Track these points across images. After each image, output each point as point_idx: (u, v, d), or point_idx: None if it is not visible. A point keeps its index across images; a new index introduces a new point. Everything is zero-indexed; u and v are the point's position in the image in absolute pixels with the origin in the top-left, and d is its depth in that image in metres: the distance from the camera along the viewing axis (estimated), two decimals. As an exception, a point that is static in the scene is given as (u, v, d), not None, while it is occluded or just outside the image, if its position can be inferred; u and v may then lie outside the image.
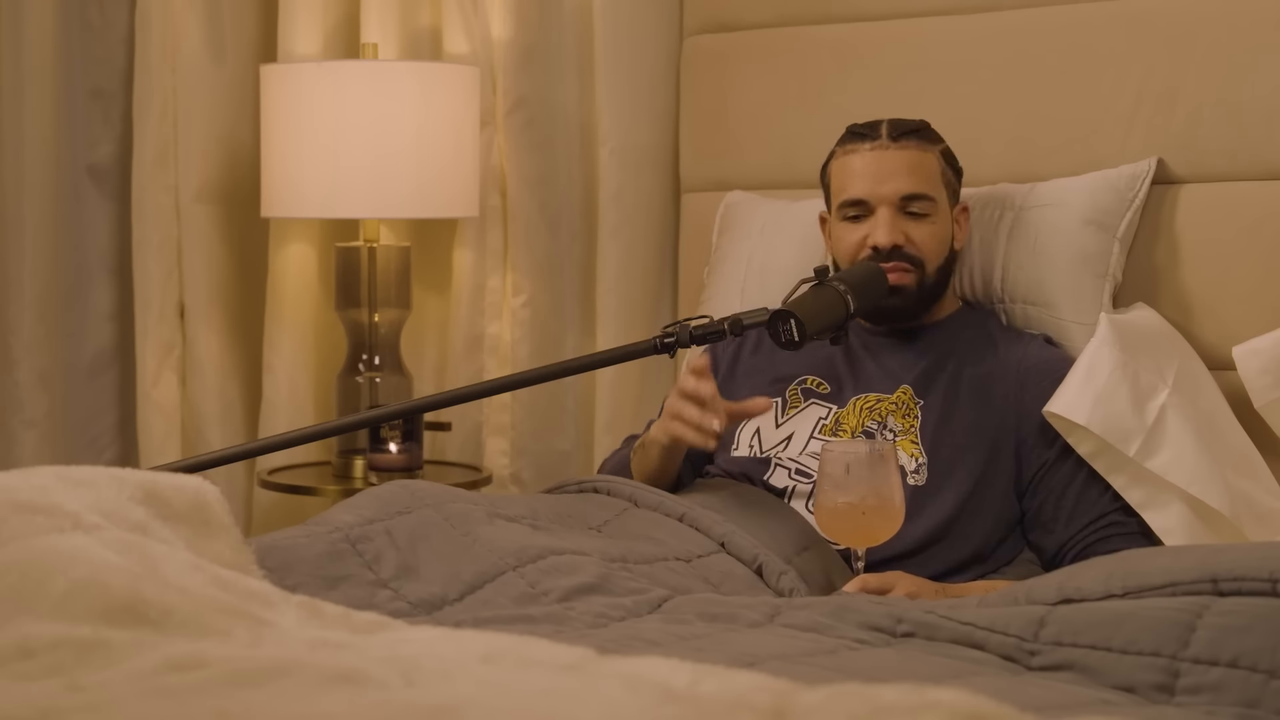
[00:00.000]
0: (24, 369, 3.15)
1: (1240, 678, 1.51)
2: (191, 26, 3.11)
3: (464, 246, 3.09)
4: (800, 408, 2.34)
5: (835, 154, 2.39)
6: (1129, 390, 2.20)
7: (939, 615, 1.69)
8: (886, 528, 1.99)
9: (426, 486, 2.09)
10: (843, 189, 2.34)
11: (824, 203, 2.45)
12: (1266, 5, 2.40)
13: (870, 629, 1.72)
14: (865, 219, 2.32)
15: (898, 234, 2.30)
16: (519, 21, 3.05)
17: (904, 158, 2.32)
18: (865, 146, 2.33)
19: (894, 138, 2.33)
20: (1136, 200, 2.43)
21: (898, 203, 2.31)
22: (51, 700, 1.17)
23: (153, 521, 1.61)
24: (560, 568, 1.91)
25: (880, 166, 2.32)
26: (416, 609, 1.86)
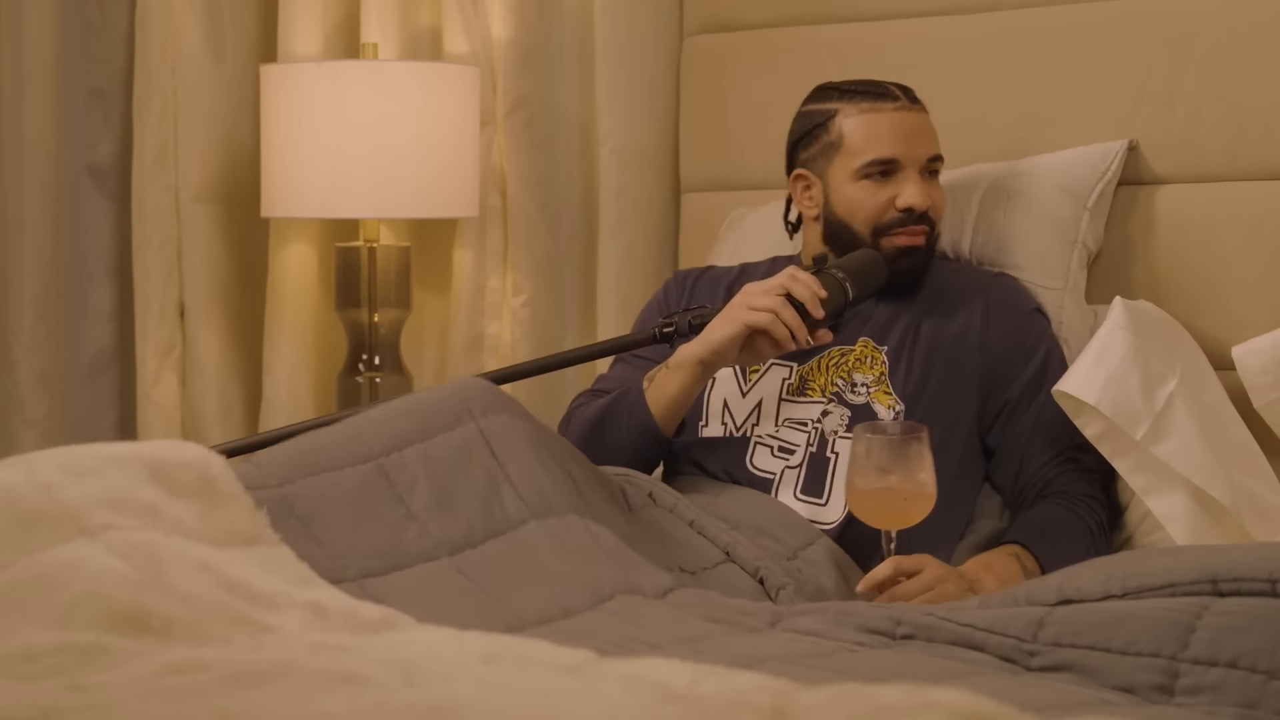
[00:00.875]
0: (24, 369, 3.15)
1: (1240, 678, 1.51)
2: (191, 26, 3.11)
3: (464, 246, 3.09)
4: (761, 371, 2.31)
5: (842, 110, 2.33)
6: (1140, 375, 2.20)
7: (938, 617, 1.69)
8: (921, 509, 1.98)
9: (475, 391, 2.06)
10: (868, 147, 2.30)
11: (795, 163, 2.38)
12: (1266, 5, 2.40)
13: (870, 632, 1.72)
14: (889, 178, 2.30)
15: (928, 198, 2.30)
16: (519, 21, 3.05)
17: (924, 120, 2.34)
18: (889, 106, 2.31)
19: (911, 100, 2.33)
20: (1109, 173, 2.44)
21: (924, 164, 2.31)
22: (52, 700, 1.17)
23: (162, 500, 1.61)
24: (576, 529, 1.91)
25: (908, 127, 2.31)
26: (440, 548, 1.86)
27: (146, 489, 1.61)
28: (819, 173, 2.35)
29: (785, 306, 2.13)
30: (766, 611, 1.81)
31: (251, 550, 1.61)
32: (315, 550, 1.82)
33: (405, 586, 1.80)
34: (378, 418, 2.03)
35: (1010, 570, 2.11)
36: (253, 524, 1.66)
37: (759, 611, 1.81)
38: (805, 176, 2.37)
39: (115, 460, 1.64)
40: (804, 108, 2.40)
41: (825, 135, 2.34)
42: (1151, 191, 2.47)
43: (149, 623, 1.34)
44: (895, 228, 2.29)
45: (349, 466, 1.93)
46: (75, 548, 1.45)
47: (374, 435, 1.98)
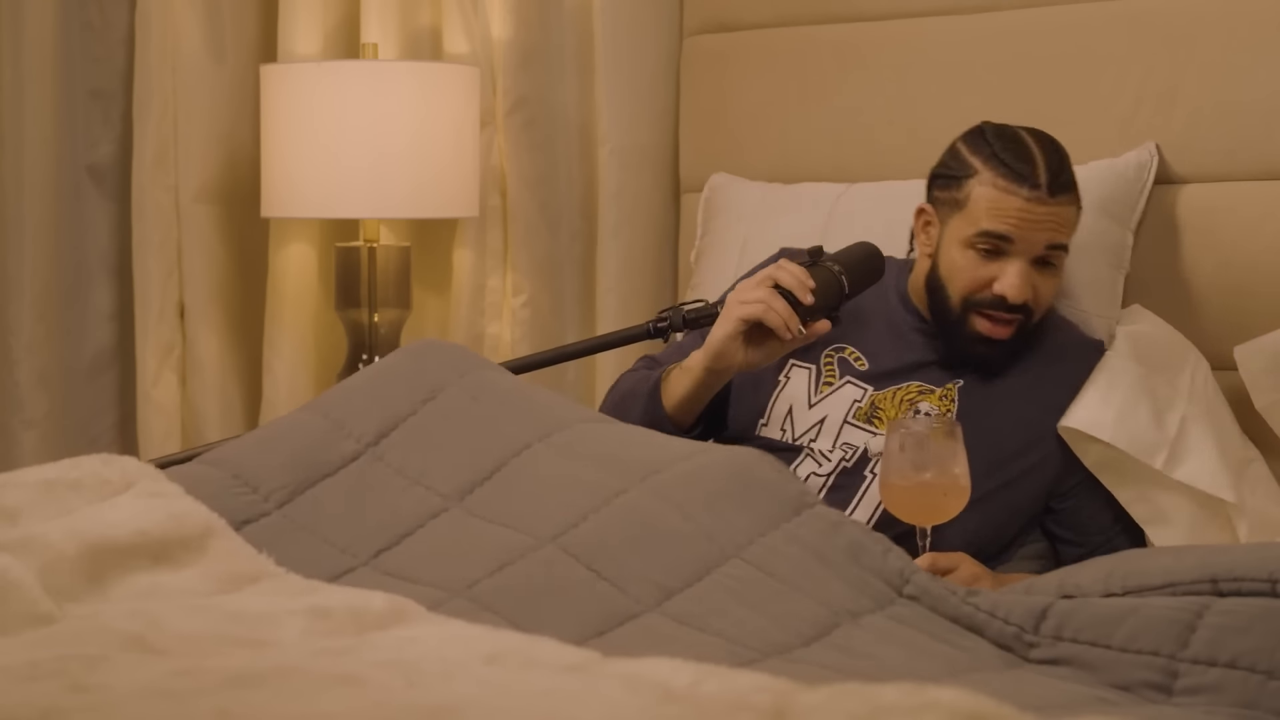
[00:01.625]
0: (24, 369, 3.15)
1: (1239, 678, 1.51)
2: (191, 26, 3.11)
3: (464, 246, 3.09)
4: (835, 386, 2.27)
5: (978, 173, 2.20)
6: (1149, 404, 2.20)
7: (946, 588, 1.68)
8: (956, 504, 1.98)
9: (449, 356, 2.07)
10: (986, 218, 2.18)
11: (929, 195, 2.29)
12: (1266, 5, 2.40)
13: (879, 578, 1.69)
14: (997, 258, 2.19)
15: (1029, 290, 2.18)
16: (519, 21, 3.05)
17: (1057, 213, 2.19)
18: (1023, 192, 2.17)
19: (1053, 192, 2.18)
20: (1145, 189, 2.43)
21: (1038, 254, 2.19)
22: (53, 700, 1.17)
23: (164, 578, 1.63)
24: (584, 434, 1.91)
25: (1036, 218, 2.17)
26: (449, 499, 1.86)
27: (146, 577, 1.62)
28: (941, 219, 2.26)
29: (774, 295, 2.10)
30: (791, 502, 1.76)
31: (257, 586, 1.62)
32: (327, 549, 1.83)
33: (419, 551, 1.80)
34: (357, 404, 2.02)
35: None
36: (256, 566, 1.67)
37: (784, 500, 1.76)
38: (928, 214, 2.29)
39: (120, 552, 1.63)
40: (956, 144, 2.28)
41: (957, 189, 2.23)
42: (1151, 191, 2.47)
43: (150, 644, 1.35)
44: (985, 309, 2.20)
45: (341, 469, 1.94)
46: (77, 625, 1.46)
47: (360, 424, 1.98)
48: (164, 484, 1.79)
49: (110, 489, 1.77)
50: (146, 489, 1.77)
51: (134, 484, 1.78)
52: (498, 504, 1.84)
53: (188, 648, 1.36)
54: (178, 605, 1.51)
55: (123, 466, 1.82)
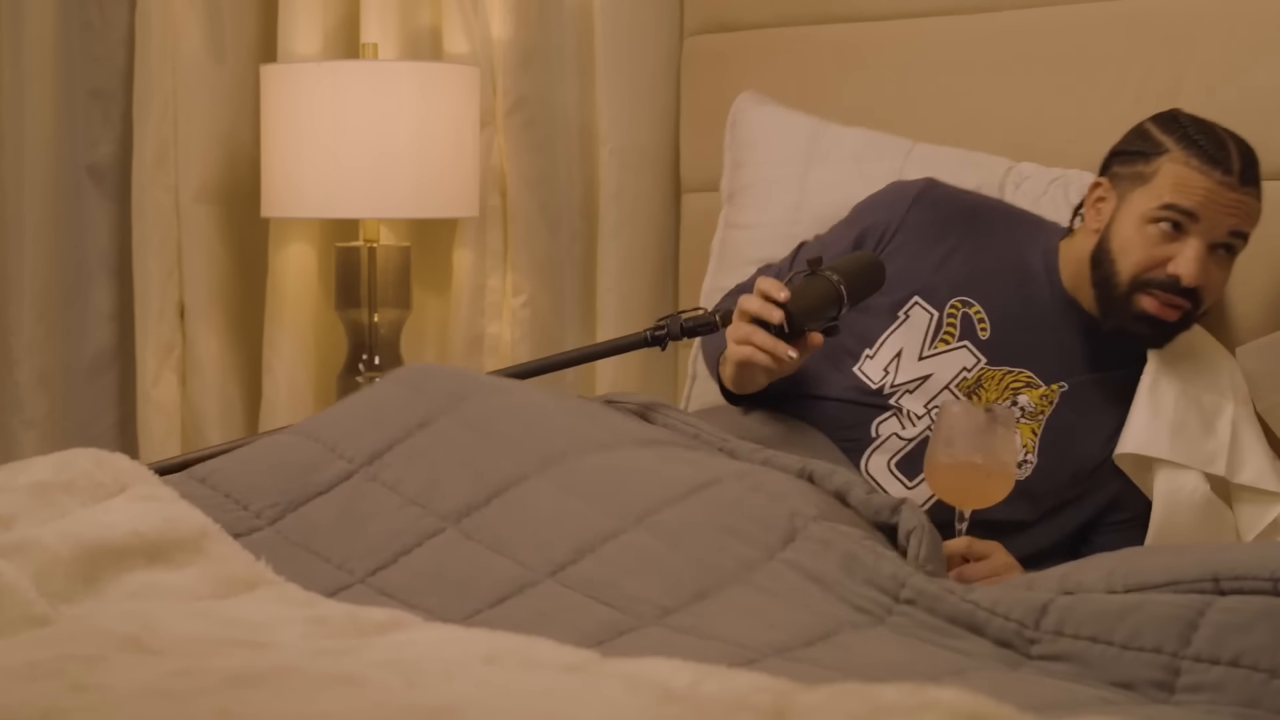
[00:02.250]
0: (24, 369, 3.15)
1: (1241, 677, 1.51)
2: (191, 26, 3.11)
3: (464, 246, 3.09)
4: (951, 346, 2.23)
5: (1171, 151, 2.16)
6: (1196, 414, 2.19)
7: (943, 588, 1.68)
8: (1001, 489, 1.98)
9: (442, 381, 2.06)
10: (1172, 192, 2.14)
11: (1107, 170, 2.24)
12: (1266, 5, 2.40)
13: (875, 588, 1.70)
14: (1175, 237, 2.14)
15: (1204, 274, 2.14)
16: (519, 21, 3.05)
17: (1245, 202, 2.16)
18: (1216, 174, 2.13)
19: (1244, 181, 2.15)
20: None
21: (1220, 237, 2.16)
22: (53, 700, 1.17)
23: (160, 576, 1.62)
24: (582, 465, 1.90)
25: (1222, 201, 2.14)
26: (445, 520, 1.86)
27: (142, 575, 1.62)
28: (1120, 192, 2.21)
29: (755, 331, 2.04)
30: (781, 529, 1.77)
31: (255, 593, 1.62)
32: (322, 565, 1.83)
33: (415, 568, 1.80)
34: (348, 428, 2.02)
35: None
36: (253, 572, 1.66)
37: (773, 526, 1.78)
38: (1104, 188, 2.24)
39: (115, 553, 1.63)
40: (1145, 125, 2.23)
41: (1143, 164, 2.19)
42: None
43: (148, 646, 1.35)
44: (1154, 289, 2.16)
45: (334, 487, 1.94)
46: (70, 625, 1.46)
47: (352, 447, 1.98)
48: (158, 487, 1.79)
49: (104, 491, 1.77)
50: (140, 492, 1.76)
51: (128, 487, 1.78)
52: (495, 531, 1.83)
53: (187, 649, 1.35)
54: (175, 609, 1.51)
55: (116, 468, 1.81)
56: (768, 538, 1.77)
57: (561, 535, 1.80)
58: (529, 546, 1.79)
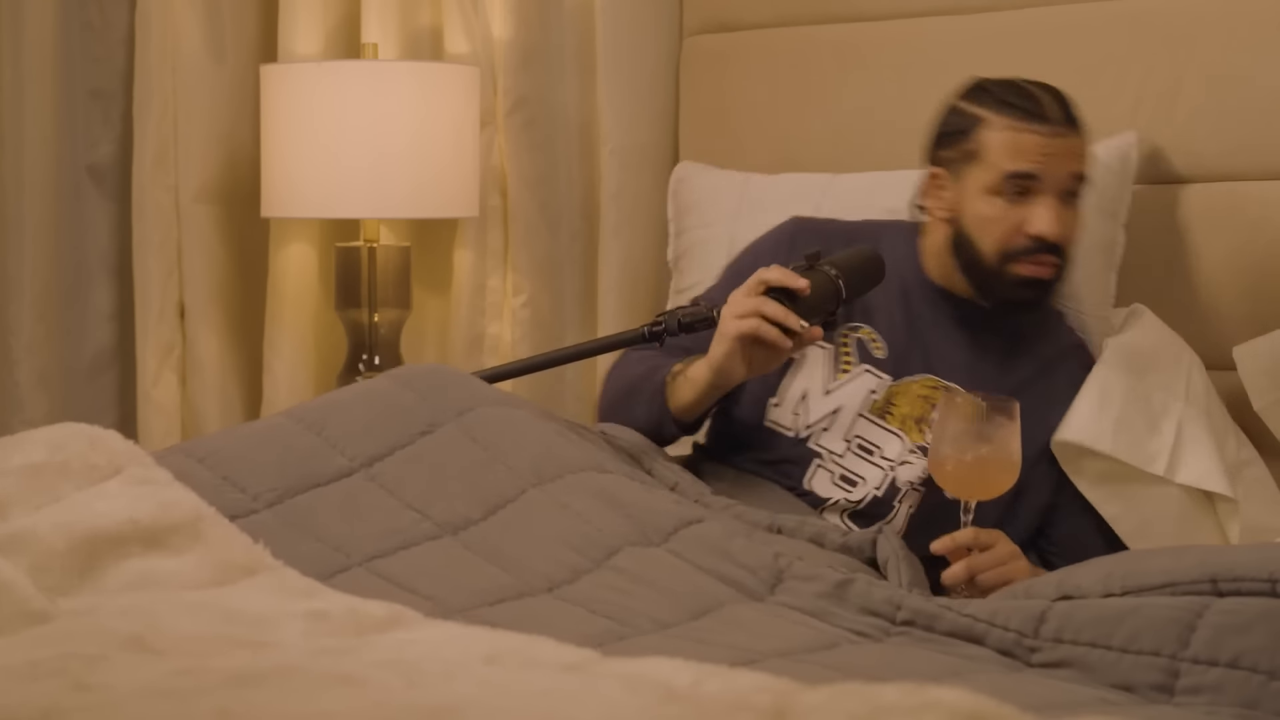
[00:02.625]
0: (24, 369, 3.15)
1: (1240, 678, 1.51)
2: (191, 26, 3.12)
3: (464, 246, 3.09)
4: (851, 374, 2.24)
5: (989, 122, 2.19)
6: (1144, 412, 2.20)
7: (939, 605, 1.69)
8: (1008, 479, 1.99)
9: (448, 389, 2.06)
10: (1008, 160, 2.16)
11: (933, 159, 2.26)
12: (1266, 5, 2.40)
13: (869, 614, 1.71)
14: (1024, 199, 2.16)
15: (1062, 225, 2.17)
16: (519, 21, 3.05)
17: (1075, 144, 2.18)
18: (1037, 127, 2.16)
19: (1067, 122, 2.18)
20: (1131, 178, 2.42)
21: (1064, 187, 2.17)
22: (54, 700, 1.17)
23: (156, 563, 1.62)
24: (578, 487, 1.91)
25: (1057, 149, 2.16)
26: (443, 528, 1.86)
27: (141, 562, 1.61)
28: (955, 175, 2.23)
29: (766, 302, 2.03)
30: (768, 569, 1.79)
31: (254, 580, 1.61)
32: (320, 548, 1.83)
33: (414, 563, 1.80)
34: (349, 426, 2.02)
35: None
36: (251, 556, 1.66)
37: (760, 568, 1.80)
38: (940, 176, 2.25)
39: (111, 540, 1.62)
40: (953, 103, 2.27)
41: (966, 142, 2.21)
42: (1151, 191, 2.47)
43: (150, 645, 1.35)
44: (1022, 256, 2.17)
45: (334, 481, 1.94)
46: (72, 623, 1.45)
47: (352, 445, 1.98)
48: (152, 470, 1.77)
49: (98, 474, 1.75)
50: (135, 475, 1.75)
51: (122, 469, 1.77)
52: (492, 544, 1.84)
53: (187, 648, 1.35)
54: (175, 603, 1.50)
55: (110, 449, 1.80)
56: (756, 584, 1.79)
57: (558, 555, 1.82)
58: (525, 563, 1.80)
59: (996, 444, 1.95)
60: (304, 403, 2.14)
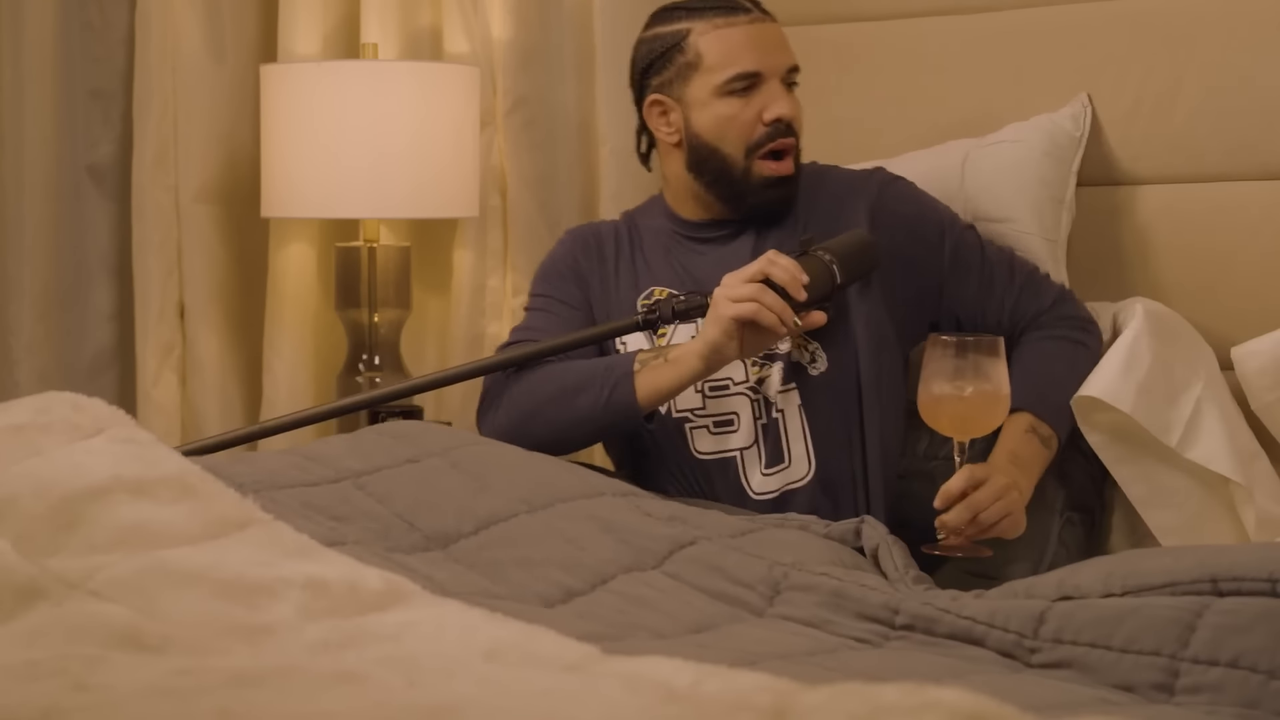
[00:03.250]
0: (24, 369, 3.15)
1: (1240, 678, 1.51)
2: (191, 26, 3.11)
3: (464, 246, 3.09)
4: (668, 335, 2.26)
5: (695, 29, 2.26)
6: (1166, 383, 2.21)
7: (937, 608, 1.69)
8: (999, 415, 2.01)
9: (430, 434, 2.09)
10: (729, 62, 2.24)
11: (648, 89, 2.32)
12: (1266, 5, 2.40)
13: (868, 620, 1.72)
14: (752, 92, 2.25)
15: (794, 105, 2.27)
16: (519, 21, 3.05)
17: (777, 29, 2.30)
18: (743, 19, 2.26)
19: (763, 10, 2.29)
20: (1083, 137, 2.47)
21: (785, 74, 2.28)
22: (53, 700, 1.17)
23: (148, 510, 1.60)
24: (570, 514, 1.92)
25: (766, 38, 2.27)
26: (432, 541, 1.86)
27: (129, 509, 1.60)
28: (676, 96, 2.30)
29: (765, 292, 2.07)
30: (764, 582, 1.80)
31: (245, 533, 1.59)
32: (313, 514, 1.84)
33: (404, 563, 1.80)
34: (335, 451, 2.03)
35: (1032, 450, 2.13)
36: (242, 510, 1.64)
37: (757, 583, 1.81)
38: (662, 102, 2.31)
39: (95, 492, 1.61)
40: (649, 31, 2.34)
41: (680, 56, 2.28)
42: (1151, 191, 2.47)
43: (146, 641, 1.34)
44: (764, 144, 2.25)
45: (322, 484, 1.94)
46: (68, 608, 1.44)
47: (339, 463, 1.99)
48: (135, 430, 1.77)
49: (80, 433, 1.75)
50: (118, 435, 1.75)
51: (104, 429, 1.76)
52: (484, 559, 1.84)
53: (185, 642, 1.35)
54: (169, 574, 1.48)
55: (94, 413, 1.80)
56: (753, 598, 1.80)
57: (550, 576, 1.82)
58: (516, 583, 1.80)
59: (985, 380, 1.97)
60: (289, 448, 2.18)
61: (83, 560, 1.51)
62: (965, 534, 1.98)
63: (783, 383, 2.21)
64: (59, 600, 1.44)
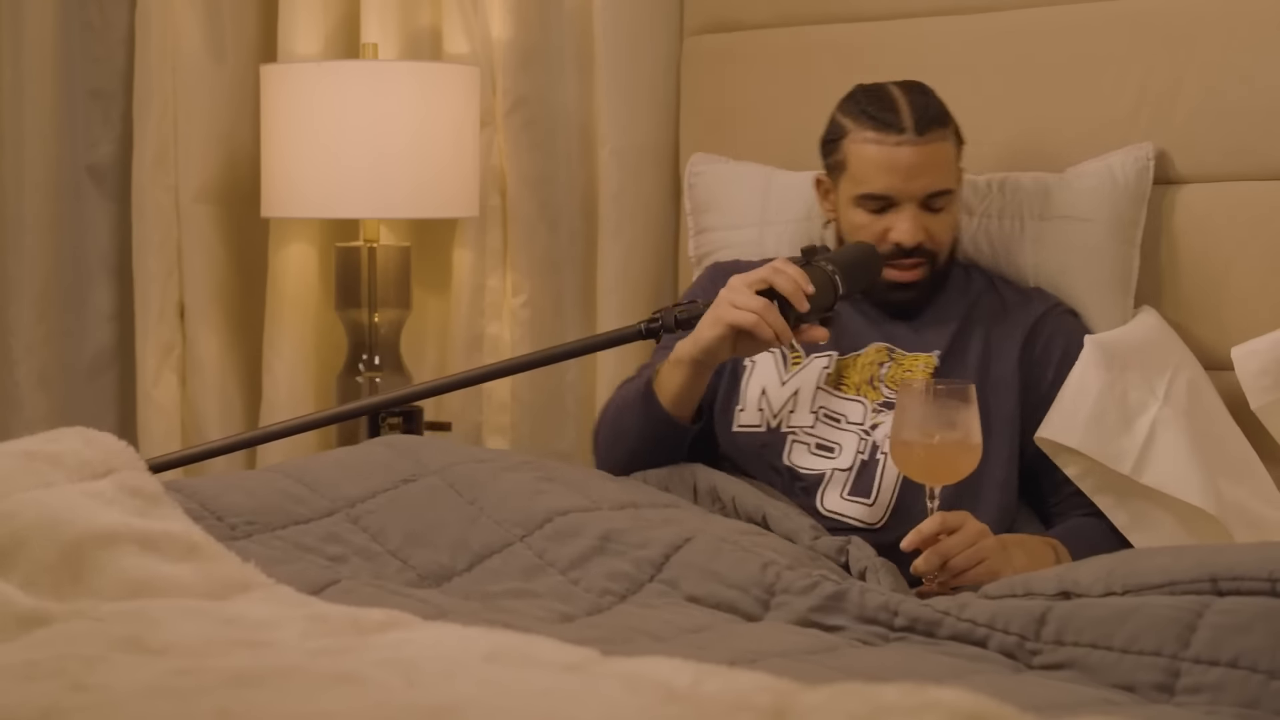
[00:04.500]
0: (24, 369, 3.16)
1: (1240, 678, 1.51)
2: (191, 26, 3.12)
3: (464, 246, 3.09)
4: (803, 364, 2.30)
5: (850, 132, 2.30)
6: (1117, 411, 2.22)
7: (937, 610, 1.69)
8: (969, 462, 2.00)
9: (431, 449, 2.10)
10: (864, 180, 2.28)
11: (823, 163, 2.37)
12: (1266, 5, 2.40)
13: (867, 622, 1.72)
14: (885, 212, 2.28)
15: (921, 232, 2.27)
16: (519, 21, 3.05)
17: (930, 153, 2.27)
18: (891, 140, 2.26)
19: (920, 131, 2.27)
20: (1146, 198, 2.42)
21: (922, 199, 2.28)
22: (53, 700, 1.17)
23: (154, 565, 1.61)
24: (565, 531, 1.91)
25: (908, 164, 2.26)
26: (425, 579, 1.87)
27: (138, 560, 1.61)
28: (834, 182, 2.36)
29: (769, 308, 2.10)
30: (758, 584, 1.80)
31: (249, 595, 1.61)
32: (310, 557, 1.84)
33: (400, 591, 1.81)
34: (330, 473, 2.04)
35: (1041, 553, 2.11)
36: (244, 573, 1.66)
37: (751, 584, 1.81)
38: (825, 183, 2.39)
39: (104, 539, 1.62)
40: (835, 112, 2.37)
41: (836, 153, 2.33)
42: (1151, 191, 2.47)
43: (148, 645, 1.34)
44: (890, 259, 2.28)
45: (314, 520, 1.94)
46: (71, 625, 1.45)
47: (333, 489, 1.99)
48: (144, 477, 1.78)
49: (90, 471, 1.76)
50: (127, 483, 1.75)
51: (114, 470, 1.77)
52: (478, 595, 1.84)
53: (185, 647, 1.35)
54: (173, 608, 1.50)
55: (105, 448, 1.81)
56: (746, 602, 1.79)
57: (548, 601, 1.82)
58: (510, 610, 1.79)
59: (956, 428, 1.96)
60: (286, 460, 2.19)
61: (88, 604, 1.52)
62: (938, 580, 1.97)
63: None
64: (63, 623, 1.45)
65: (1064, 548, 2.15)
